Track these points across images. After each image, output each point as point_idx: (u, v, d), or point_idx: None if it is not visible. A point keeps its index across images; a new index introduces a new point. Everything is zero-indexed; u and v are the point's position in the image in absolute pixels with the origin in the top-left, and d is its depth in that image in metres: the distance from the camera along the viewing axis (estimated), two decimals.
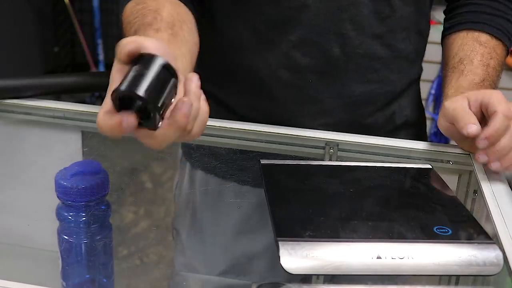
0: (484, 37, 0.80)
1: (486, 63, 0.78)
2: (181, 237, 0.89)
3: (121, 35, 0.71)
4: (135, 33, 0.66)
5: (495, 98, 0.67)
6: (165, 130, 0.49)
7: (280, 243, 0.51)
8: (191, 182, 0.87)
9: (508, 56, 0.84)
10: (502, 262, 0.52)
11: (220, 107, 0.83)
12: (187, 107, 0.48)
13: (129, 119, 0.47)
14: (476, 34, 0.80)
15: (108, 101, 0.48)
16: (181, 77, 0.52)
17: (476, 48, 0.79)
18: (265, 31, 0.77)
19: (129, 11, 0.72)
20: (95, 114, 0.83)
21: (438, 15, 0.97)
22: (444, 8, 0.87)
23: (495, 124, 0.65)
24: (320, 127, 0.78)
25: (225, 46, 0.81)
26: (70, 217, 0.59)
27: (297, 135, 0.76)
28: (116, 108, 0.48)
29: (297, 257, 0.51)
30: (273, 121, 0.77)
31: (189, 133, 0.51)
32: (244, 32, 0.78)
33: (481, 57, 0.78)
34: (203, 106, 0.53)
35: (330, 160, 0.76)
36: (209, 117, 0.55)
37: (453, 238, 0.54)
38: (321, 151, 0.76)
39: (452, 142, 0.76)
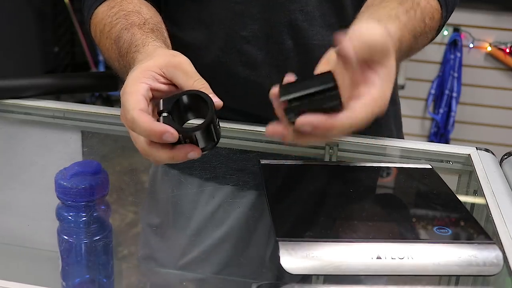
0: None
1: (412, 13, 0.65)
2: (181, 237, 0.89)
3: None
4: (121, 32, 0.67)
5: (386, 67, 0.53)
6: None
7: (280, 243, 0.51)
8: (190, 183, 0.87)
9: (508, 56, 0.83)
10: (502, 262, 0.52)
11: None
12: None
13: None
14: None
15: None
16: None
17: None
18: (217, 29, 0.77)
19: (103, 14, 0.73)
20: (95, 114, 0.83)
21: None
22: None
23: (357, 113, 0.52)
24: None
25: (179, 48, 0.81)
26: (70, 217, 0.59)
27: None
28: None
29: (297, 257, 0.51)
30: (239, 119, 0.77)
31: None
32: (198, 33, 0.78)
33: (411, 4, 0.65)
34: None
35: (330, 160, 0.76)
36: None
37: (453, 238, 0.54)
38: (321, 151, 0.76)
39: (452, 142, 0.76)
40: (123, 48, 0.66)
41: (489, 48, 2.44)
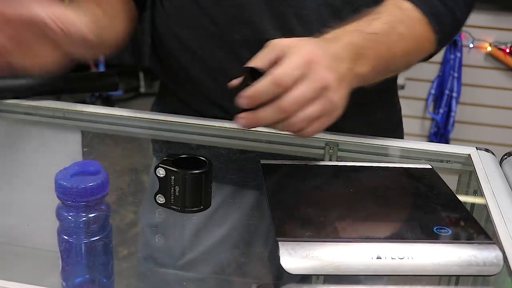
0: (407, 5, 0.71)
1: (392, 25, 0.67)
2: (180, 237, 0.89)
3: None
4: None
5: (290, 54, 0.59)
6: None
7: (280, 243, 0.52)
8: None
9: (508, 56, 0.83)
10: (502, 262, 0.52)
11: (182, 105, 0.85)
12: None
13: None
14: (400, 0, 0.72)
15: None
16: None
17: (390, 10, 0.69)
18: (213, 31, 0.77)
19: None
20: (95, 114, 0.83)
21: None
22: None
23: (258, 85, 0.59)
24: None
25: (178, 49, 0.82)
26: (70, 217, 0.59)
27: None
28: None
29: (297, 257, 0.51)
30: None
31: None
32: (195, 34, 0.78)
33: (391, 17, 0.68)
34: None
35: (330, 160, 0.76)
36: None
37: (453, 238, 0.54)
38: (321, 151, 0.76)
39: (452, 142, 0.76)
40: None
41: (489, 48, 2.44)
